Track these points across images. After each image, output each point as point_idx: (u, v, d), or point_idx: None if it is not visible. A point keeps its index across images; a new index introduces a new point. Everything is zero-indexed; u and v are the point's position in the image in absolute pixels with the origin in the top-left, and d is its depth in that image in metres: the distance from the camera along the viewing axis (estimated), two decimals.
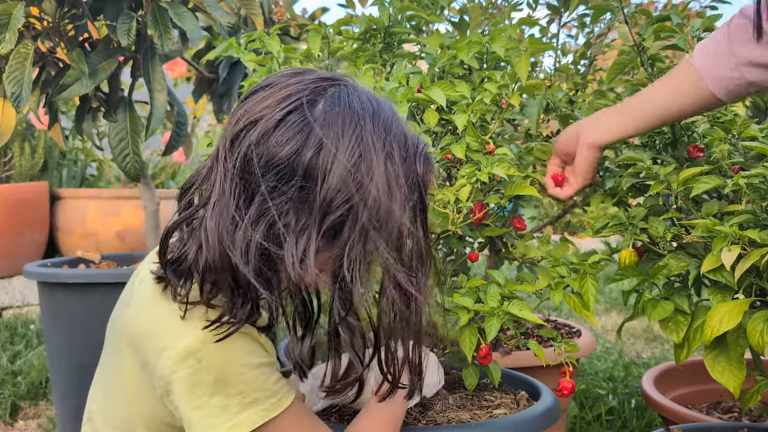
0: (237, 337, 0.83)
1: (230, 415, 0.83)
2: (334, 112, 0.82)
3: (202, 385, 0.82)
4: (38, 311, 3.46)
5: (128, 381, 0.88)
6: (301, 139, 0.81)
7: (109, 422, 0.93)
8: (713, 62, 1.06)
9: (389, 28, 1.37)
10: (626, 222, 1.18)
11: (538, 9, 1.80)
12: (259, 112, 0.83)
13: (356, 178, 0.80)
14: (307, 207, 0.81)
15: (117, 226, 3.74)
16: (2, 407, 2.40)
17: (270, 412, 0.85)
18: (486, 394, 1.31)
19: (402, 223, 0.84)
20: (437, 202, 1.14)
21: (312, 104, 0.83)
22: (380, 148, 0.83)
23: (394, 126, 0.86)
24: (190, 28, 1.72)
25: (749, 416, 1.81)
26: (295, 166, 0.80)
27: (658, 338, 3.34)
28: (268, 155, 0.81)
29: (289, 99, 0.83)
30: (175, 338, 0.82)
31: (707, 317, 1.04)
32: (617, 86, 1.51)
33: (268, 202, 0.80)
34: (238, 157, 0.82)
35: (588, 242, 4.63)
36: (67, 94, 1.77)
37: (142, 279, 0.91)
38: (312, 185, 0.80)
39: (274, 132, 0.81)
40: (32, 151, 3.91)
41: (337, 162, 0.80)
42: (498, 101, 1.24)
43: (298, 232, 0.80)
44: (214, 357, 0.82)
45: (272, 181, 0.81)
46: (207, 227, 0.82)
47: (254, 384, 0.84)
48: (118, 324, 0.92)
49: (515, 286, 1.13)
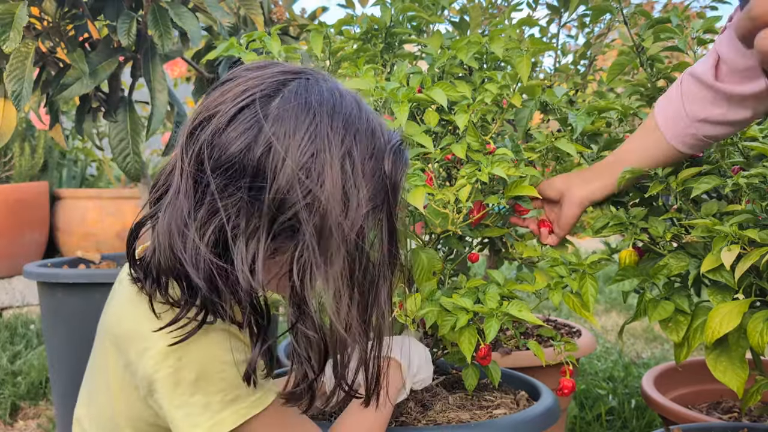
0: (216, 334, 0.81)
1: (212, 413, 0.82)
2: (288, 107, 0.79)
3: (183, 384, 0.81)
4: (38, 311, 3.46)
5: (113, 381, 0.87)
6: (251, 135, 0.77)
7: (94, 423, 0.92)
8: (672, 122, 1.15)
9: (390, 29, 1.37)
10: (626, 222, 1.19)
11: (538, 9, 1.80)
12: (215, 108, 0.80)
13: (307, 179, 0.77)
14: (257, 208, 0.77)
15: (117, 226, 3.74)
16: (2, 407, 2.40)
17: (252, 409, 0.84)
18: (486, 394, 1.31)
19: (360, 228, 0.80)
20: (437, 202, 1.14)
21: (267, 99, 0.79)
22: (337, 145, 0.78)
23: (357, 122, 0.81)
24: (191, 29, 1.72)
25: (749, 416, 1.81)
26: (245, 165, 0.77)
27: (658, 338, 3.34)
28: (219, 152, 0.78)
29: (245, 94, 0.79)
30: (155, 338, 0.80)
31: (708, 318, 1.04)
32: (617, 86, 1.51)
33: (217, 202, 0.77)
34: (192, 154, 0.79)
35: (588, 242, 4.63)
36: (68, 93, 1.77)
37: (121, 280, 0.90)
38: (262, 185, 0.77)
39: (226, 128, 0.78)
40: (32, 151, 3.91)
41: (287, 161, 0.76)
42: (499, 101, 1.24)
43: (248, 234, 0.77)
44: (193, 355, 0.80)
45: (222, 180, 0.78)
46: (159, 227, 0.80)
47: (235, 381, 0.82)
48: (104, 326, 0.91)
49: (514, 286, 1.13)
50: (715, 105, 1.11)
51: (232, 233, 0.77)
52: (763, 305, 1.06)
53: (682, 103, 1.14)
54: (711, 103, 1.11)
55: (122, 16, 1.77)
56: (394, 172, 0.84)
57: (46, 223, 3.77)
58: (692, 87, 1.13)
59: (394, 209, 0.85)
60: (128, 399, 0.86)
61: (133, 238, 0.86)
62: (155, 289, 0.82)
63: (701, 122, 1.13)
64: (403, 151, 0.87)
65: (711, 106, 1.11)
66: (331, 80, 0.85)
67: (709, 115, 1.12)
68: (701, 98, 1.12)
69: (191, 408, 0.81)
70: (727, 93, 1.09)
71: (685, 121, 1.13)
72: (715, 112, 1.11)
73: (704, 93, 1.11)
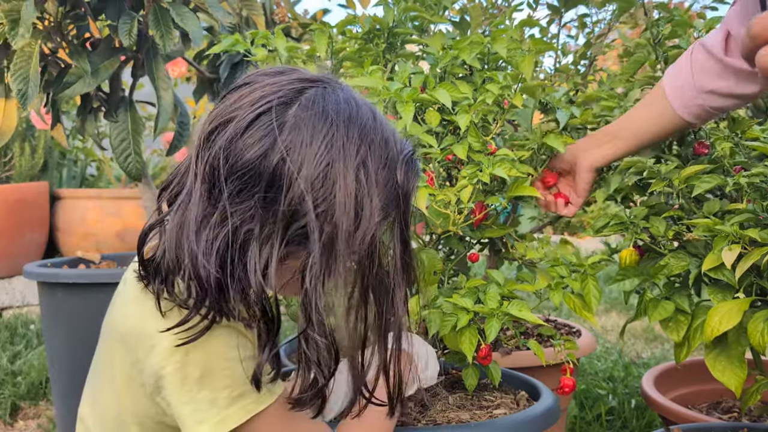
0: (222, 331, 0.82)
1: (218, 409, 0.82)
2: (305, 116, 0.79)
3: (190, 380, 0.81)
4: (38, 311, 3.46)
5: (119, 378, 0.88)
6: (268, 142, 0.78)
7: (99, 421, 0.92)
8: (680, 91, 1.16)
9: (393, 29, 1.37)
10: (627, 221, 1.19)
11: (538, 9, 1.81)
12: (231, 113, 0.81)
13: (322, 188, 0.78)
14: (271, 215, 0.78)
15: (117, 226, 3.74)
16: (2, 407, 2.40)
17: (258, 405, 0.84)
18: (486, 394, 1.31)
19: (373, 237, 0.80)
20: (438, 203, 1.14)
21: (284, 107, 0.80)
22: (352, 155, 0.79)
23: (372, 132, 0.82)
24: (192, 29, 1.72)
25: (749, 416, 1.81)
26: (260, 172, 0.78)
27: (658, 338, 3.34)
28: (235, 158, 0.78)
29: (263, 100, 0.80)
30: (162, 335, 0.81)
31: (707, 316, 1.04)
32: (617, 87, 1.51)
33: (232, 207, 0.78)
34: (207, 159, 0.80)
35: (588, 242, 4.63)
36: (70, 92, 1.77)
37: (126, 279, 0.91)
38: (277, 192, 0.78)
39: (243, 134, 0.79)
40: (32, 151, 3.92)
41: (302, 170, 0.77)
42: (500, 102, 1.24)
43: (262, 240, 0.78)
44: (199, 352, 0.81)
45: (237, 186, 0.78)
46: (170, 229, 0.81)
47: (240, 378, 0.83)
48: (109, 324, 0.92)
49: (515, 286, 1.14)
50: (722, 78, 1.12)
51: (244, 237, 0.78)
52: (764, 305, 1.07)
53: (692, 73, 1.15)
54: (719, 76, 1.12)
55: (123, 16, 1.77)
56: (407, 182, 0.85)
57: (46, 223, 3.77)
58: (701, 58, 1.14)
59: (406, 218, 0.86)
60: (135, 396, 0.87)
61: (144, 238, 0.87)
62: (163, 289, 0.82)
63: (708, 93, 1.14)
64: (415, 161, 0.87)
65: (718, 78, 1.12)
66: (348, 89, 0.85)
67: (716, 87, 1.13)
68: (709, 69, 1.13)
69: (198, 404, 0.82)
70: (735, 68, 1.10)
71: (692, 91, 1.15)
72: (722, 84, 1.12)
73: (713, 65, 1.13)
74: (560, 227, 3.40)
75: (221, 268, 0.78)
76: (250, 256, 0.78)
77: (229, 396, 0.83)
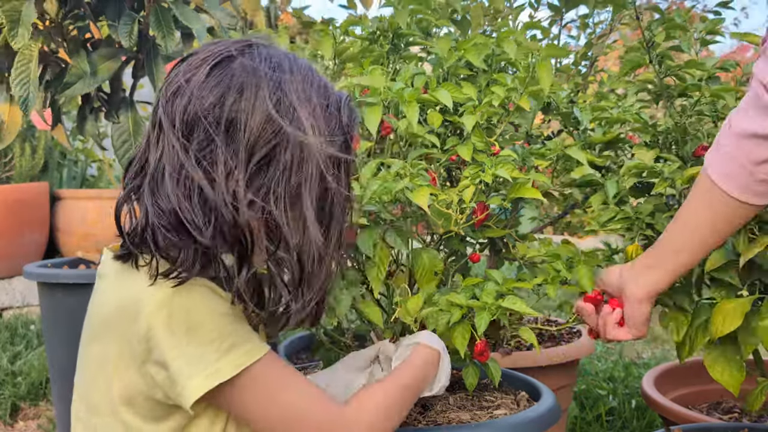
0: (199, 288, 0.86)
1: (207, 363, 0.84)
2: (254, 63, 0.89)
3: (178, 333, 0.84)
4: (38, 312, 3.46)
5: (107, 362, 0.89)
6: (223, 86, 0.87)
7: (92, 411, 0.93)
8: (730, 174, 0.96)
9: (398, 30, 1.37)
10: (632, 216, 1.18)
11: (539, 10, 1.81)
12: (185, 74, 0.89)
13: (278, 118, 0.87)
14: (233, 150, 0.86)
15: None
16: (2, 408, 2.40)
17: (248, 358, 0.86)
18: (486, 395, 1.31)
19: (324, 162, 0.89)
20: (440, 203, 1.14)
21: (232, 59, 0.89)
22: (300, 91, 0.89)
23: (312, 76, 0.92)
24: (196, 27, 1.73)
25: (749, 416, 1.81)
26: (220, 114, 0.86)
27: (658, 338, 3.35)
28: (195, 109, 0.86)
29: (213, 56, 0.89)
30: (147, 299, 0.85)
31: (712, 315, 1.04)
32: (617, 87, 1.51)
33: (200, 153, 0.86)
34: (170, 119, 0.87)
35: (588, 242, 4.63)
36: (71, 92, 1.78)
37: (101, 274, 0.96)
38: (237, 129, 0.86)
39: (199, 87, 0.87)
40: (32, 152, 3.92)
41: (257, 104, 0.87)
42: (506, 104, 1.24)
43: (227, 174, 0.86)
44: (182, 305, 0.84)
45: (201, 135, 0.86)
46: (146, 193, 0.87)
47: (226, 329, 0.86)
48: (90, 317, 0.95)
49: (513, 284, 1.13)
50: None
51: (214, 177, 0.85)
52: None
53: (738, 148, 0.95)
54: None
55: (123, 17, 1.77)
56: (349, 123, 0.94)
57: (46, 223, 3.77)
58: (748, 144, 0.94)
59: (350, 154, 0.94)
60: (126, 373, 0.88)
61: (118, 212, 0.91)
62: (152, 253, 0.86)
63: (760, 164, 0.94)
64: (353, 107, 0.97)
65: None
66: (282, 47, 0.95)
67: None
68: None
69: (188, 357, 0.84)
70: None
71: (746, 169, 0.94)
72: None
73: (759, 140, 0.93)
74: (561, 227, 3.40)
75: (202, 211, 0.85)
76: (218, 189, 0.85)
77: (218, 349, 0.84)
